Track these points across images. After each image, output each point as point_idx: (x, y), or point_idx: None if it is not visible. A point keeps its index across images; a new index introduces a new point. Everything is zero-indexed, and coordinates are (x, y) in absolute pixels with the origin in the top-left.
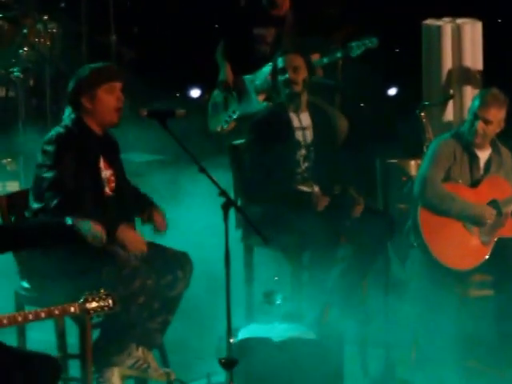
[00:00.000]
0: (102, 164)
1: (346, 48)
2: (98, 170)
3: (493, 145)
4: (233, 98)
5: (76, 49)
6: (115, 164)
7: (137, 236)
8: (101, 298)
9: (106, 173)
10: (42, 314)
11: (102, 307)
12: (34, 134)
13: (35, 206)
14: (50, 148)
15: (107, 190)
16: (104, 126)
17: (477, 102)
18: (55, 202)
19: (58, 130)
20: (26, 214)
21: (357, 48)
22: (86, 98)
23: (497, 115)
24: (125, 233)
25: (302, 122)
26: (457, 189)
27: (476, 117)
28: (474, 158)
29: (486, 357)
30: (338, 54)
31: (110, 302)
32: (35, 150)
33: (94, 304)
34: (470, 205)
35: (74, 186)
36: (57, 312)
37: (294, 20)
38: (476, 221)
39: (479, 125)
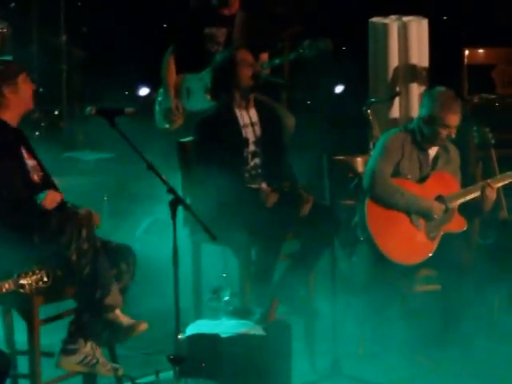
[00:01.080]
0: (25, 154)
1: (299, 49)
2: (23, 160)
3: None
4: (181, 95)
5: (26, 48)
6: (34, 154)
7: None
8: (34, 273)
9: (31, 162)
10: None
11: (36, 281)
12: None
13: None
14: None
15: (35, 177)
16: (21, 114)
17: (439, 109)
18: None
19: None
20: None
21: (309, 49)
22: (9, 89)
23: (460, 119)
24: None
25: (250, 118)
26: (404, 184)
27: (444, 125)
28: (423, 154)
29: (433, 352)
30: (291, 56)
31: (44, 275)
32: None
33: (28, 279)
34: (419, 199)
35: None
36: None
37: (244, 19)
38: (424, 215)
39: (451, 131)
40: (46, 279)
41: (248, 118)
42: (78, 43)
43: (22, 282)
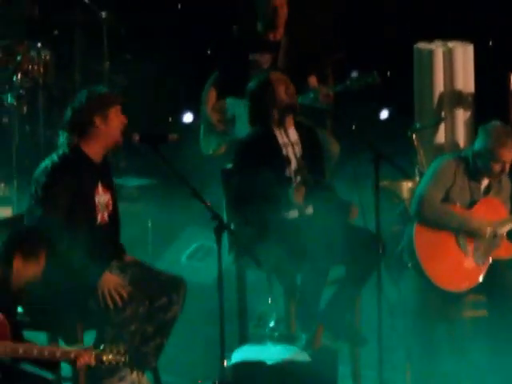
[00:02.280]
0: (100, 190)
1: (346, 82)
2: (93, 202)
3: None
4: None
5: (69, 76)
6: (112, 187)
7: (118, 283)
8: (119, 353)
9: (105, 198)
10: (57, 353)
11: (116, 361)
12: (28, 159)
13: None
14: (42, 179)
15: (103, 217)
16: (108, 147)
17: (494, 144)
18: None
19: (53, 159)
20: None
21: (357, 82)
22: (100, 118)
23: None
24: (107, 282)
25: (289, 137)
26: (453, 209)
27: (497, 160)
28: (475, 184)
29: (480, 378)
30: (338, 88)
31: (126, 358)
32: (28, 175)
33: (111, 357)
34: (469, 217)
35: (61, 220)
36: (72, 355)
37: (288, 45)
38: (475, 233)
39: (504, 166)
40: (125, 361)
41: (287, 137)
42: (121, 70)
43: (104, 358)
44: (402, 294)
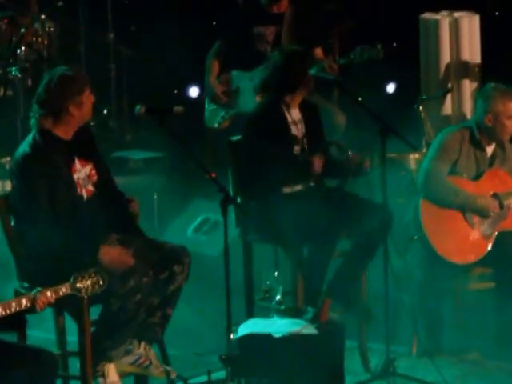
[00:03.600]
0: (78, 165)
1: (350, 55)
2: (72, 181)
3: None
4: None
5: (74, 47)
6: (92, 154)
7: (119, 251)
8: (90, 277)
9: (86, 170)
10: (13, 305)
11: (92, 285)
12: None
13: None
14: (17, 172)
15: (88, 190)
16: (79, 126)
17: (496, 102)
18: (34, 241)
19: (25, 149)
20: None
21: (360, 56)
22: (74, 105)
23: None
24: (107, 254)
25: (294, 116)
26: (458, 182)
27: (505, 115)
28: (481, 153)
29: (487, 349)
30: (341, 61)
31: (100, 279)
32: None
33: (85, 283)
34: (474, 197)
35: (45, 213)
36: (49, 294)
37: (294, 16)
38: (480, 213)
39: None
40: (101, 283)
41: (290, 116)
42: (126, 42)
43: (79, 285)
44: (409, 266)
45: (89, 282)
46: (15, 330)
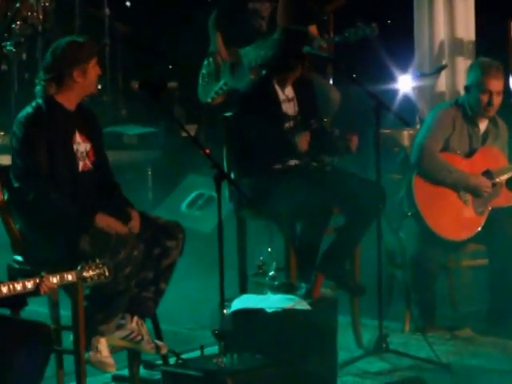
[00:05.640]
0: (78, 138)
1: (344, 33)
2: (71, 149)
3: (491, 117)
4: (225, 70)
5: (68, 23)
6: (94, 136)
7: (114, 221)
8: (97, 267)
9: (86, 146)
10: (18, 287)
11: (98, 275)
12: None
13: (15, 185)
14: (18, 132)
15: (86, 164)
16: (83, 97)
17: (480, 75)
18: (30, 196)
19: (28, 110)
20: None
21: (355, 34)
22: (78, 71)
23: (502, 85)
24: (102, 221)
25: (287, 94)
26: (452, 158)
27: (484, 90)
28: (474, 129)
29: (479, 325)
30: (336, 39)
31: (106, 270)
32: None
33: (91, 272)
34: (467, 175)
35: (45, 171)
36: (54, 280)
37: None
38: (472, 191)
39: (493, 98)
40: (107, 274)
41: (283, 93)
42: (121, 17)
43: (85, 274)
44: (402, 242)
45: (96, 272)
46: (13, 309)
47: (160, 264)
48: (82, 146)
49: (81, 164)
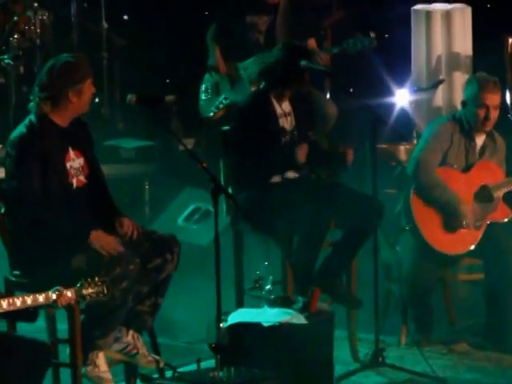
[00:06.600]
0: (72, 155)
1: (343, 44)
2: (64, 168)
3: (488, 131)
4: (225, 84)
5: (66, 36)
6: (85, 147)
7: (109, 238)
8: (96, 285)
9: (80, 161)
10: (40, 299)
11: (97, 293)
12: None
13: (10, 206)
14: (12, 153)
15: (80, 180)
16: (76, 115)
17: (477, 89)
18: (24, 219)
19: (21, 130)
20: None
21: (354, 45)
22: (74, 92)
23: (499, 100)
24: (96, 241)
25: (284, 108)
26: (449, 173)
27: (481, 104)
28: (471, 144)
29: (475, 340)
30: (335, 50)
31: (105, 288)
32: None
33: (90, 290)
34: (458, 200)
35: (39, 193)
36: (54, 296)
37: (288, 8)
38: (455, 216)
39: (489, 113)
40: (106, 292)
41: (280, 108)
42: (119, 31)
43: (84, 292)
44: (399, 257)
45: (94, 290)
46: (29, 321)
47: (156, 278)
48: (75, 162)
49: (75, 181)
